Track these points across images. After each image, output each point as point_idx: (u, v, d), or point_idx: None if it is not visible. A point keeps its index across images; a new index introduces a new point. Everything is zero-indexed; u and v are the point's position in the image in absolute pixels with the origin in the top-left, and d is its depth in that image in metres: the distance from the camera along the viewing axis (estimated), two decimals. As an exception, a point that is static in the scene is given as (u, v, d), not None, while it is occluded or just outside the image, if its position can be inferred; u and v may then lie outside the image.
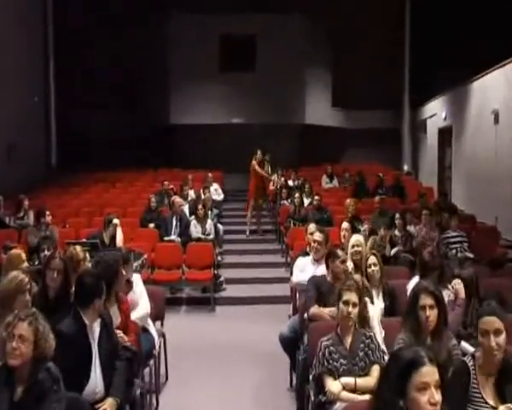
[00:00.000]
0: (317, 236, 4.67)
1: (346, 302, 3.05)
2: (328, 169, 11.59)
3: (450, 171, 12.50)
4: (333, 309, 3.54)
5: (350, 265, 4.42)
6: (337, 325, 3.13)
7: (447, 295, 3.65)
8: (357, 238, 4.68)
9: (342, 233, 5.56)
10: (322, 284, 3.97)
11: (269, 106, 14.05)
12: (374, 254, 4.23)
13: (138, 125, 13.84)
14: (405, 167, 14.80)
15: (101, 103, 13.73)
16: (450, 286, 3.78)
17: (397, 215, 6.87)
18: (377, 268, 4.14)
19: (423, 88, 13.83)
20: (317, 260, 4.63)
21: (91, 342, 2.92)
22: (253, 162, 9.71)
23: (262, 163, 9.89)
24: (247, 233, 9.76)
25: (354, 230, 5.93)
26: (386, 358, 2.91)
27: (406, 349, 1.90)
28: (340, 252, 4.00)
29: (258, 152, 9.83)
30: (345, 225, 5.66)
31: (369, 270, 4.16)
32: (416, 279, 3.98)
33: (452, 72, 11.51)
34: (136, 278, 4.10)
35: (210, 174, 10.72)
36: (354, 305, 3.06)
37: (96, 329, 2.96)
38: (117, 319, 3.38)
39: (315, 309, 3.82)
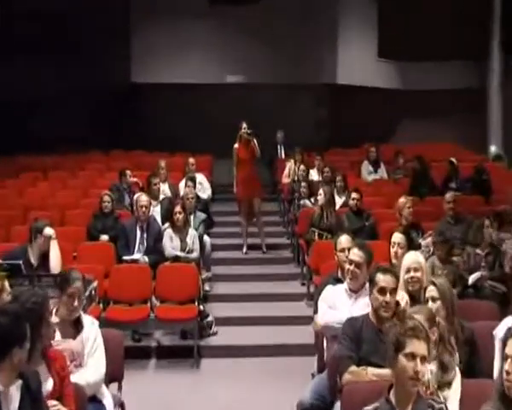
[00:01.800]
0: (355, 254, 4.65)
1: (412, 356, 3.04)
2: (371, 152, 11.60)
3: None
4: (383, 372, 3.53)
5: (403, 297, 4.38)
6: (389, 387, 3.10)
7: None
8: (414, 258, 4.67)
9: (393, 250, 5.54)
10: (363, 330, 3.96)
11: (282, 58, 14.11)
12: (433, 283, 4.19)
13: (82, 87, 13.82)
14: (492, 149, 14.77)
15: (25, 49, 13.55)
16: None
17: (486, 222, 6.72)
18: (439, 305, 4.09)
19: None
20: (354, 291, 4.61)
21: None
22: (235, 146, 9.88)
23: (247, 142, 9.74)
24: (244, 249, 9.81)
25: (411, 244, 5.88)
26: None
27: None
28: (388, 276, 3.97)
29: (244, 125, 9.94)
30: (397, 237, 5.63)
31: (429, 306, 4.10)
32: (509, 321, 3.97)
33: None
34: (87, 321, 4.10)
35: (192, 160, 10.73)
36: (423, 360, 3.05)
37: (13, 396, 2.94)
38: (46, 382, 3.38)
39: (353, 373, 3.81)
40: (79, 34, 13.50)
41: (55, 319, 3.94)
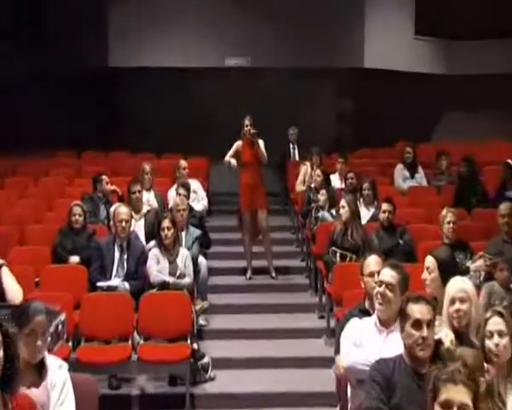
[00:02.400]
0: (386, 274, 4.64)
1: (447, 405, 3.03)
2: (407, 154, 11.60)
3: None
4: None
5: (447, 334, 4.39)
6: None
7: None
8: (461, 285, 4.65)
9: (423, 276, 5.47)
10: (396, 374, 3.95)
11: (296, 36, 14.13)
12: (500, 314, 4.17)
13: (47, 75, 13.88)
14: None
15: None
16: None
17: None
18: (506, 341, 4.08)
19: None
20: (385, 324, 4.60)
21: None
22: (239, 142, 9.98)
23: (251, 143, 9.85)
24: (248, 274, 9.83)
25: (456, 269, 5.86)
26: None
27: None
28: (422, 306, 3.97)
29: (246, 122, 9.94)
30: (427, 259, 5.54)
31: (489, 344, 4.09)
32: None
33: None
34: (53, 363, 4.08)
35: (184, 163, 10.75)
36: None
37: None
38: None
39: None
40: (46, 13, 13.61)
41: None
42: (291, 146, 13.37)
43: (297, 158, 13.10)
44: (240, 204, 9.98)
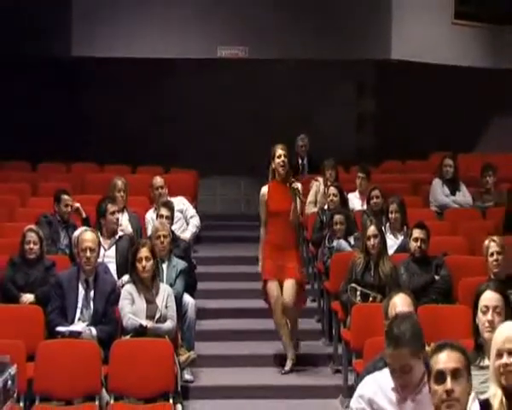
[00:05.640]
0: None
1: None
2: (446, 167, 11.62)
3: None
4: None
5: (497, 393, 4.39)
6: None
7: None
8: (509, 333, 4.60)
9: (485, 318, 5.47)
10: None
11: (307, 21, 14.18)
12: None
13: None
14: None
15: None
16: None
17: None
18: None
19: None
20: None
21: None
22: (264, 189, 9.20)
23: (286, 189, 8.97)
24: (289, 366, 8.84)
25: (508, 311, 5.85)
26: None
27: None
28: (449, 353, 3.96)
29: (280, 150, 8.95)
30: (490, 298, 5.55)
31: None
32: None
33: None
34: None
35: (160, 180, 10.74)
36: None
37: None
38: None
39: None
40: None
41: None
42: (299, 159, 13.38)
43: (306, 173, 13.12)
44: (262, 270, 9.12)
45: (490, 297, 5.45)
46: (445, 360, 3.96)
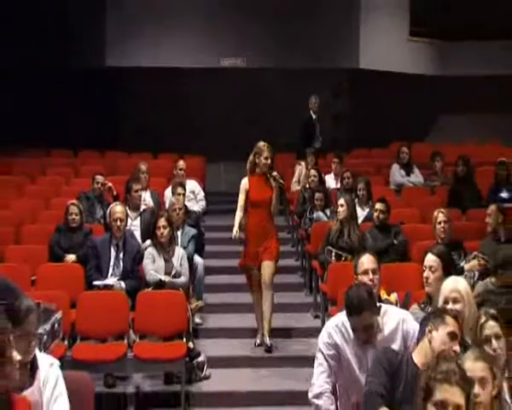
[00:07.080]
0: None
1: (442, 405, 3.02)
2: (402, 154, 11.59)
3: None
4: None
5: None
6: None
7: None
8: (454, 285, 4.60)
9: (425, 274, 5.47)
10: (402, 368, 3.98)
11: (292, 37, 14.10)
12: (494, 318, 4.16)
13: (44, 73, 13.81)
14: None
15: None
16: None
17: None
18: (503, 342, 4.07)
19: None
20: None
21: None
22: (244, 180, 8.13)
23: (266, 180, 7.99)
24: (258, 339, 8.03)
25: (449, 268, 5.83)
26: None
27: None
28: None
29: (266, 152, 7.89)
30: (428, 259, 5.55)
31: (488, 350, 4.06)
32: None
33: None
34: (43, 361, 4.05)
35: (182, 163, 10.75)
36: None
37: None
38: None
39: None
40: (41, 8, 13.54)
41: (16, 355, 3.59)
42: (312, 115, 13.26)
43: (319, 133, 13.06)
44: (244, 255, 8.25)
45: (428, 258, 5.46)
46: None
